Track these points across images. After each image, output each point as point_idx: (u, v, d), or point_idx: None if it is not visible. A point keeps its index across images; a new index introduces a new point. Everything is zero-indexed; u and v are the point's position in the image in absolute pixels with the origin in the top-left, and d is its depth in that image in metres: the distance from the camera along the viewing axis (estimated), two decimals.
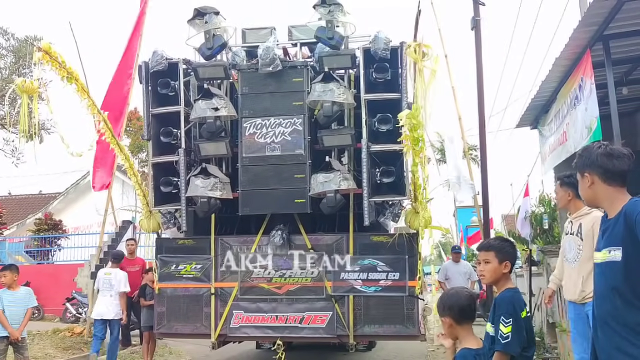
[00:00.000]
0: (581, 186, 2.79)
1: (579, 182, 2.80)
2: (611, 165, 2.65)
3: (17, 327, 6.76)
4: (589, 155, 2.74)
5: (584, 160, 2.77)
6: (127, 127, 21.45)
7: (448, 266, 11.10)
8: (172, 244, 8.24)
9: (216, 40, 7.57)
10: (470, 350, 2.88)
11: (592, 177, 2.70)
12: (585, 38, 7.00)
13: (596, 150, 2.73)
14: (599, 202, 2.72)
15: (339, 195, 7.19)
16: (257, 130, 7.59)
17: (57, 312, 15.35)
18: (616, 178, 2.65)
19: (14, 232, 22.98)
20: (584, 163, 2.76)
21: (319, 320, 7.57)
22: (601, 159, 2.67)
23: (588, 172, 2.71)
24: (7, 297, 6.83)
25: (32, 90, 6.26)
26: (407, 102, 7.19)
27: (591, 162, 2.71)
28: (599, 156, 2.69)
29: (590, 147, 2.80)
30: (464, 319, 2.94)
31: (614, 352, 2.50)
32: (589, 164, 2.72)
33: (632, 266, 2.46)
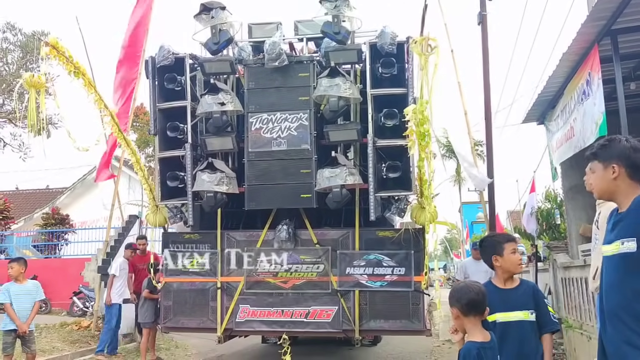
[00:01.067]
0: (602, 176, 2.67)
1: (599, 172, 2.69)
2: (636, 162, 2.61)
3: (25, 320, 6.80)
4: (617, 146, 2.65)
5: (610, 151, 2.66)
6: (133, 122, 21.49)
7: (468, 264, 9.82)
8: (179, 238, 8.27)
9: (222, 35, 7.57)
10: (474, 343, 2.89)
11: (619, 169, 2.60)
12: (593, 33, 6.96)
13: (625, 143, 2.64)
14: (616, 195, 2.63)
15: (344, 190, 7.20)
16: (263, 125, 7.60)
17: (65, 305, 15.46)
18: (638, 174, 2.60)
19: (21, 226, 23.13)
20: (610, 154, 2.65)
21: (324, 315, 7.59)
22: (632, 153, 2.61)
23: (616, 163, 2.61)
24: (15, 290, 6.88)
25: (40, 85, 6.28)
26: (413, 97, 7.18)
27: (620, 154, 2.62)
28: (630, 150, 2.62)
29: (615, 139, 2.71)
30: (472, 312, 2.94)
31: (623, 346, 2.46)
32: (618, 156, 2.62)
33: None
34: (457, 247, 42.48)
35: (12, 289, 6.89)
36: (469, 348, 2.89)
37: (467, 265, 9.75)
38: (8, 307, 6.77)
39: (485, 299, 2.96)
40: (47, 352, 8.97)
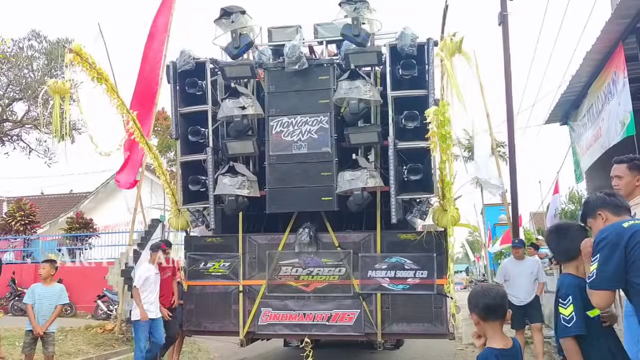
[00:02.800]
0: (596, 226, 3.01)
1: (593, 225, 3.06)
2: (617, 201, 3.08)
3: (44, 322, 6.87)
4: (597, 199, 3.11)
5: (592, 205, 3.11)
6: (155, 127, 21.73)
7: (507, 266, 8.83)
8: (201, 241, 8.33)
9: (243, 39, 7.60)
10: (492, 350, 2.78)
11: (604, 213, 3.01)
12: (618, 31, 6.84)
13: (600, 195, 3.12)
14: None
15: (365, 193, 7.17)
16: (283, 129, 7.61)
17: (89, 309, 15.65)
18: (623, 210, 3.04)
19: (46, 230, 23.50)
20: (592, 207, 3.09)
21: (346, 318, 7.56)
22: (609, 199, 3.07)
23: (599, 211, 3.03)
24: (39, 292, 6.97)
25: (64, 91, 6.38)
26: (434, 98, 7.12)
27: (602, 203, 3.06)
28: (606, 197, 3.08)
29: (591, 196, 3.23)
30: (490, 317, 2.83)
31: None
32: (599, 205, 3.06)
33: None
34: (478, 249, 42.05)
35: (37, 290, 6.99)
36: (486, 355, 2.79)
37: (507, 266, 8.81)
38: (29, 309, 6.86)
39: (505, 302, 2.83)
40: (72, 354, 9.10)
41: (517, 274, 8.47)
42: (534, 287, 8.50)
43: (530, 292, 8.48)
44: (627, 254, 2.67)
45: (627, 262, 2.68)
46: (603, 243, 2.75)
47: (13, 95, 23.65)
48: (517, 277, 8.45)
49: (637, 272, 2.66)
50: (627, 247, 2.67)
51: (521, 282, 8.45)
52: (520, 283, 8.46)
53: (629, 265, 2.68)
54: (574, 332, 2.91)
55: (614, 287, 2.77)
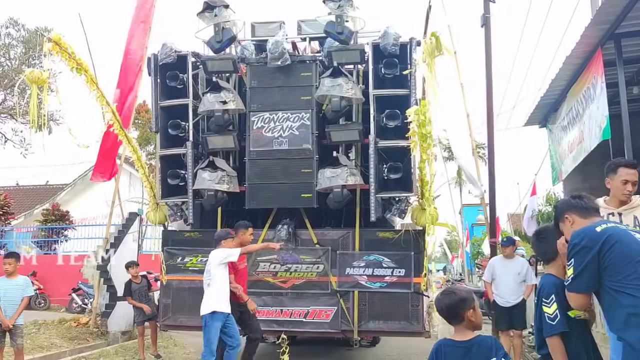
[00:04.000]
0: (565, 230, 3.04)
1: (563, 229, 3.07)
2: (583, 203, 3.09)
3: (12, 315, 6.77)
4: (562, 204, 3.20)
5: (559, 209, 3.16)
6: (135, 120, 21.49)
7: (495, 264, 8.27)
8: (179, 236, 8.27)
9: (225, 33, 7.56)
10: (446, 341, 2.92)
11: (572, 216, 3.04)
12: (597, 36, 6.95)
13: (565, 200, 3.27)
14: None
15: (345, 191, 7.19)
16: (265, 124, 7.59)
17: (63, 302, 15.45)
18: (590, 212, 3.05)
19: (21, 222, 23.11)
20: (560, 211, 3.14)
21: (323, 315, 7.57)
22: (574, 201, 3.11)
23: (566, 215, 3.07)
24: (4, 285, 6.84)
25: (42, 81, 6.28)
26: (415, 98, 7.16)
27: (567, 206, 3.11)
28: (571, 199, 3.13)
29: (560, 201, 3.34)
30: (450, 321, 2.94)
31: None
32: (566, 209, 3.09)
33: None
34: (456, 249, 42.43)
35: (1, 284, 6.86)
36: (438, 345, 2.94)
37: (495, 264, 8.28)
38: None
39: (451, 312, 2.89)
40: (45, 348, 8.95)
41: (504, 272, 8.02)
42: (520, 288, 7.95)
43: (516, 294, 7.91)
44: (600, 259, 2.72)
45: (599, 267, 2.73)
46: (577, 248, 2.80)
47: None
48: (503, 276, 8.03)
49: (609, 276, 2.71)
50: (601, 252, 2.71)
51: (507, 282, 7.99)
52: (506, 283, 8.00)
53: (602, 270, 2.73)
54: (559, 330, 2.98)
55: (589, 290, 2.85)
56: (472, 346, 2.84)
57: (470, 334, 2.87)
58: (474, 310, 2.85)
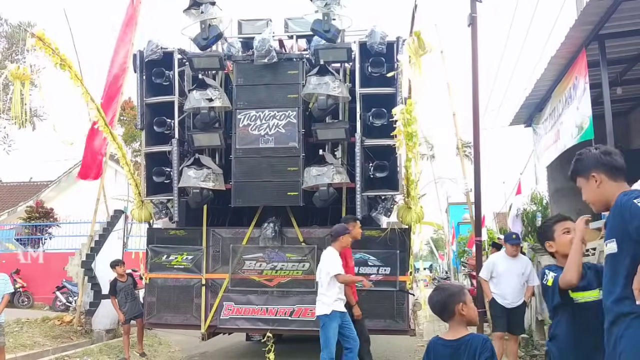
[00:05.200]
0: (588, 188, 2.73)
1: (585, 186, 2.75)
2: (614, 161, 2.67)
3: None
4: (590, 157, 2.73)
5: (585, 162, 2.74)
6: (120, 117, 21.29)
7: (496, 261, 7.48)
8: (164, 234, 8.23)
9: (212, 30, 7.53)
10: (437, 339, 2.92)
11: (599, 176, 2.67)
12: (581, 37, 7.01)
13: (595, 152, 2.73)
14: (609, 200, 2.64)
15: (331, 189, 7.20)
16: (251, 122, 7.57)
17: (47, 300, 15.30)
18: (620, 173, 2.67)
19: (4, 219, 22.84)
20: (586, 165, 2.73)
21: (309, 314, 7.57)
22: (605, 158, 2.68)
23: (595, 172, 2.68)
24: None
25: (25, 77, 6.22)
26: (401, 97, 7.18)
27: (596, 162, 2.69)
28: (601, 155, 2.69)
29: (586, 151, 2.78)
30: (442, 317, 2.94)
31: None
32: (594, 164, 2.69)
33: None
34: (443, 247, 42.65)
35: None
36: (430, 342, 2.94)
37: (496, 262, 7.47)
38: None
39: (446, 302, 2.87)
40: (28, 347, 8.86)
41: (507, 271, 7.27)
42: (523, 289, 7.30)
43: (518, 295, 7.24)
44: None
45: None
46: None
47: None
48: (505, 275, 7.29)
49: None
50: None
51: (509, 282, 7.27)
52: (509, 282, 7.26)
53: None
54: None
55: None
56: (460, 345, 2.81)
57: (462, 332, 2.84)
58: (464, 304, 2.82)
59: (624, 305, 2.46)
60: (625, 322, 2.46)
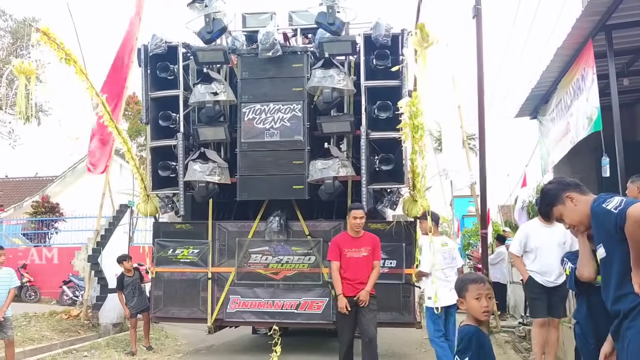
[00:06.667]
0: (568, 210, 2.97)
1: (564, 212, 2.99)
2: (574, 180, 3.06)
3: (0, 307, 6.72)
4: (555, 186, 3.09)
5: (554, 191, 3.05)
6: (125, 111, 21.32)
7: (530, 231, 6.17)
8: (170, 228, 8.24)
9: (216, 24, 7.51)
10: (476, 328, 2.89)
11: (572, 194, 2.94)
12: (588, 28, 6.95)
13: (555, 181, 3.17)
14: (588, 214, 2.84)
15: (337, 182, 7.19)
16: (256, 116, 7.56)
17: (54, 294, 15.38)
18: (584, 188, 2.99)
19: (10, 214, 22.94)
20: (557, 192, 3.02)
21: (315, 307, 7.59)
22: (568, 180, 3.07)
23: (567, 193, 2.96)
24: None
25: (30, 72, 6.22)
26: (407, 89, 7.16)
27: (563, 186, 3.01)
28: (563, 181, 3.09)
29: (547, 185, 3.18)
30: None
31: None
32: (563, 188, 3.00)
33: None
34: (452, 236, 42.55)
35: None
36: (472, 331, 2.84)
37: (530, 232, 6.15)
38: None
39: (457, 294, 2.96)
40: (36, 340, 8.91)
41: (545, 242, 5.91)
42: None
43: (560, 270, 5.60)
44: None
45: None
46: None
47: None
48: (544, 248, 5.93)
49: None
50: None
51: (549, 255, 5.86)
52: (548, 255, 5.88)
53: None
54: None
55: None
56: (458, 333, 2.95)
57: (469, 321, 2.91)
58: (463, 299, 2.90)
59: (624, 302, 2.61)
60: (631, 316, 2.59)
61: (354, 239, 6.16)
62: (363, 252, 6.11)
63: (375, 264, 6.15)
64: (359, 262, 6.09)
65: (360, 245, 6.13)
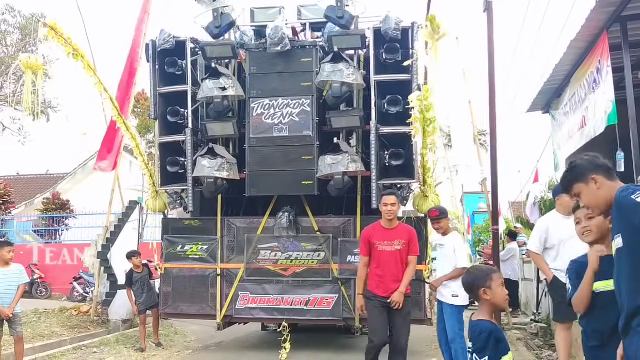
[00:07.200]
0: (588, 192, 2.78)
1: (584, 191, 2.80)
2: (607, 163, 2.82)
3: (9, 304, 6.72)
4: (586, 162, 2.84)
5: (582, 168, 2.82)
6: (135, 108, 21.33)
7: (550, 225, 5.57)
8: (179, 224, 8.21)
9: (224, 18, 7.47)
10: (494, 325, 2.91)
11: (598, 177, 2.74)
12: (602, 19, 6.83)
13: (586, 157, 2.88)
14: (609, 200, 2.68)
15: (346, 178, 7.12)
16: (264, 111, 7.50)
17: (65, 291, 15.45)
18: (614, 173, 2.79)
19: (22, 211, 23.07)
20: (584, 170, 2.81)
21: (325, 303, 7.54)
22: (600, 161, 2.81)
23: (593, 174, 2.75)
24: None
25: (37, 67, 6.20)
26: (417, 83, 7.07)
27: (593, 166, 2.78)
28: (595, 159, 2.82)
29: (579, 159, 2.90)
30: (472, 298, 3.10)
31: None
32: (592, 168, 2.78)
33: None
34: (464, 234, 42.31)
35: None
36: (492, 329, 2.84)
37: (551, 226, 5.53)
38: None
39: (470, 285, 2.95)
40: (46, 337, 8.92)
41: (568, 237, 5.02)
42: None
43: None
44: None
45: None
46: None
47: None
48: (567, 242, 5.20)
49: None
50: None
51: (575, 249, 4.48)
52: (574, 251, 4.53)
53: None
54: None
55: None
56: (472, 327, 2.90)
57: (481, 315, 2.90)
58: (489, 289, 2.87)
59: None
60: None
61: (387, 230, 5.51)
62: (397, 245, 5.47)
63: (411, 259, 5.53)
64: (392, 256, 5.47)
65: (394, 238, 5.48)
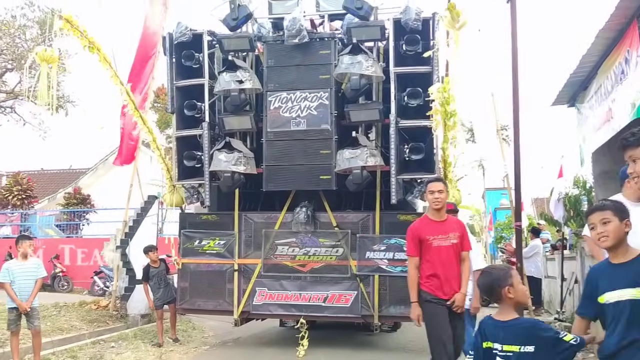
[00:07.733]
0: None
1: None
2: None
3: (27, 298, 6.74)
4: None
5: None
6: (154, 103, 21.37)
7: None
8: (196, 219, 8.16)
9: (241, 10, 7.39)
10: (489, 318, 2.92)
11: None
12: (632, 7, 6.56)
13: None
14: None
15: (365, 172, 6.99)
16: (282, 104, 7.40)
17: (86, 285, 15.58)
18: None
19: (44, 205, 23.38)
20: None
21: (343, 300, 7.42)
22: None
23: None
24: (16, 269, 6.80)
25: (52, 59, 6.18)
26: (438, 75, 6.90)
27: None
28: None
29: None
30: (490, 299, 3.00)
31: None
32: None
33: None
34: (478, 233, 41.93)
35: (12, 268, 6.81)
36: (483, 320, 2.95)
37: None
38: (7, 287, 6.68)
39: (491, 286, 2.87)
40: (65, 330, 8.95)
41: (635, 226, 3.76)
42: None
43: None
44: None
45: None
46: None
47: (4, 65, 23.15)
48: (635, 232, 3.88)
49: None
50: None
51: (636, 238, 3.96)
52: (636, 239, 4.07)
53: None
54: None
55: None
56: (507, 327, 2.81)
57: (511, 314, 2.84)
58: (512, 287, 2.82)
59: None
60: None
61: (438, 223, 4.87)
62: (452, 238, 4.84)
63: (465, 255, 4.94)
64: (450, 252, 4.84)
65: (448, 231, 4.85)
